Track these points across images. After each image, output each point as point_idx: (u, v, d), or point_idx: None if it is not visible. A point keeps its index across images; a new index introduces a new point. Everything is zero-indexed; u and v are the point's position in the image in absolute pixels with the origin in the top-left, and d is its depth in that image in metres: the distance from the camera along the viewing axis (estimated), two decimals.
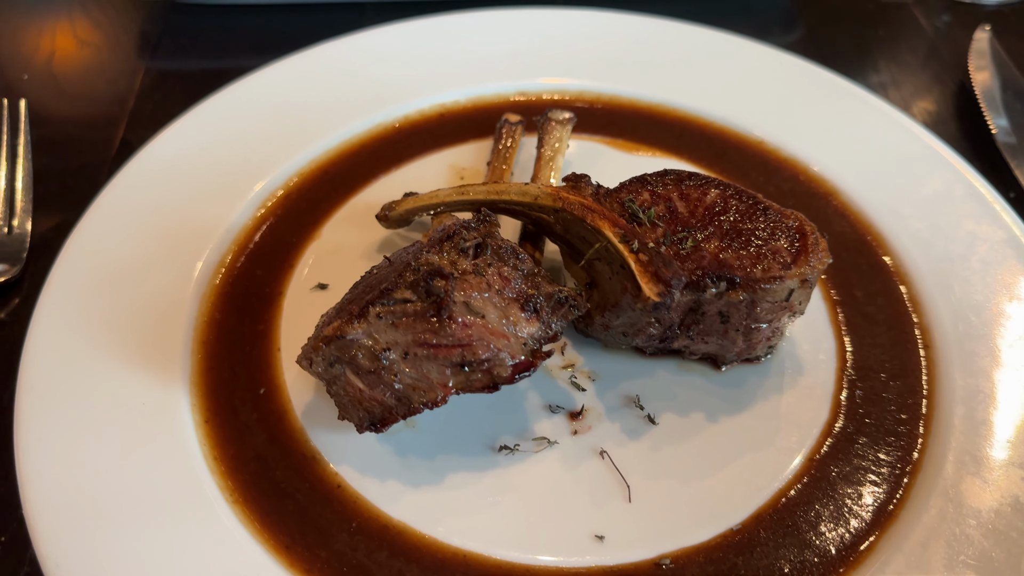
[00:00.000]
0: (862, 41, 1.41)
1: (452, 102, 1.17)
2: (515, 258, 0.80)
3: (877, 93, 1.29)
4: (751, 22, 1.42)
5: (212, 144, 1.06)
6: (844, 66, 1.35)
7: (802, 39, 1.41)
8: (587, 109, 1.17)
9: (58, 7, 1.43)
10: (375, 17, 1.40)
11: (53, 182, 1.15)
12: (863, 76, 1.34)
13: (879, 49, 1.40)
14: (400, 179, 1.08)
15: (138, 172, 1.02)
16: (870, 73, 1.35)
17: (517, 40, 1.22)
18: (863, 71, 1.36)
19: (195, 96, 1.26)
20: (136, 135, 1.21)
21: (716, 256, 0.81)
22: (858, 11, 1.47)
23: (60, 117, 1.24)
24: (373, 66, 1.18)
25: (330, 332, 0.75)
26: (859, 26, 1.44)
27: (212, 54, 1.36)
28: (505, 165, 1.05)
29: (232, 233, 1.00)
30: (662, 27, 1.23)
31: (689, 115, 1.15)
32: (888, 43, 1.41)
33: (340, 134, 1.11)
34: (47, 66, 1.32)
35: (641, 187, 0.87)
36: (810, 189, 1.07)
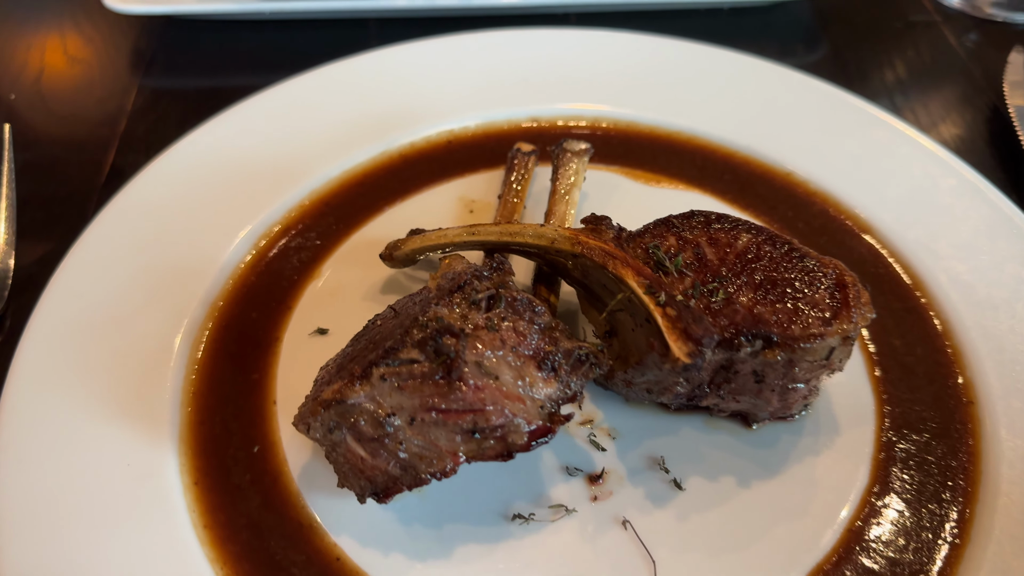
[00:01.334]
0: (889, 61, 1.35)
1: (461, 128, 1.11)
2: (531, 311, 0.73)
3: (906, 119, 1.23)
4: (773, 40, 1.36)
5: (205, 175, 1.00)
6: (870, 87, 1.29)
7: (826, 58, 1.34)
8: (603, 137, 1.10)
9: (49, 21, 1.37)
10: (379, 33, 1.34)
11: (39, 211, 1.08)
12: (890, 98, 1.28)
13: (907, 70, 1.33)
14: (406, 212, 1.02)
15: (126, 206, 0.96)
16: (897, 95, 1.29)
17: (529, 62, 1.16)
18: (889, 92, 1.29)
19: (189, 118, 1.20)
20: (127, 160, 1.15)
21: (750, 310, 0.74)
22: (884, 29, 1.41)
23: (48, 139, 1.18)
24: (377, 90, 1.12)
25: (330, 395, 0.68)
26: (885, 45, 1.37)
27: (208, 72, 1.30)
28: (517, 199, 0.99)
29: (226, 272, 0.93)
30: (682, 49, 1.17)
31: (712, 144, 1.09)
32: (916, 63, 1.35)
33: (342, 163, 1.05)
34: (35, 84, 1.26)
35: (666, 231, 0.81)
36: (842, 225, 1.01)
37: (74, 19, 1.37)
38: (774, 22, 1.39)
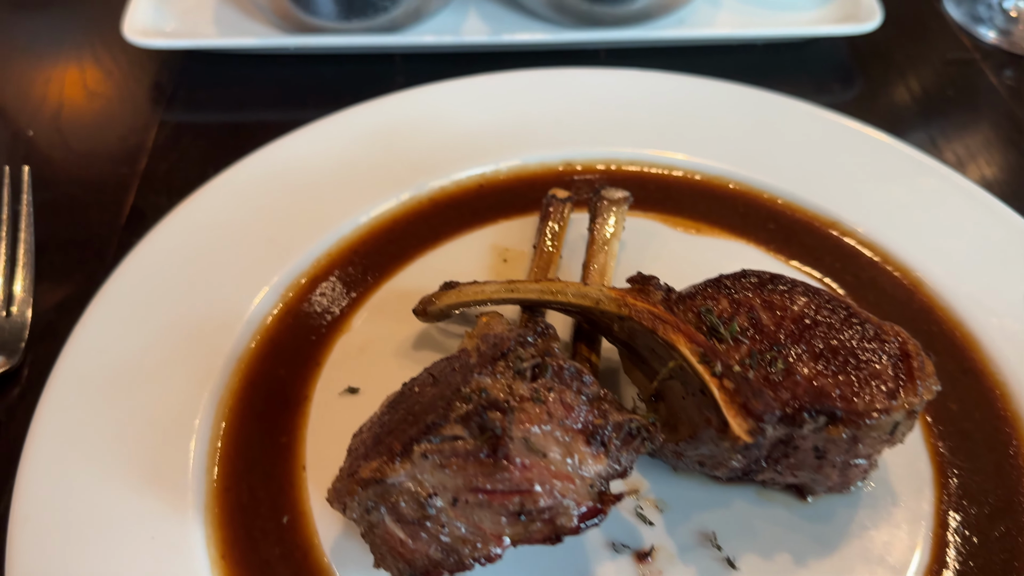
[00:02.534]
0: (927, 100, 1.31)
1: (492, 172, 1.07)
2: (579, 381, 0.69)
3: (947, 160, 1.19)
4: (808, 77, 1.33)
5: (229, 222, 0.96)
6: (908, 126, 1.26)
7: (862, 96, 1.31)
8: (640, 181, 1.07)
9: (68, 54, 1.34)
10: (405, 68, 1.31)
11: (57, 254, 1.05)
12: (929, 137, 1.24)
13: (946, 108, 1.30)
14: (437, 261, 0.98)
15: (147, 256, 0.92)
16: (936, 134, 1.25)
17: (562, 103, 1.13)
18: (929, 132, 1.26)
19: (211, 155, 1.17)
20: (147, 201, 1.12)
21: (811, 383, 0.70)
22: (920, 66, 1.37)
23: (66, 178, 1.15)
24: (405, 132, 1.08)
25: (368, 474, 0.64)
26: (923, 83, 1.33)
27: (231, 106, 1.27)
28: (554, 248, 0.95)
29: (252, 326, 0.90)
30: (720, 90, 1.13)
31: (753, 190, 1.05)
32: (955, 102, 1.31)
33: (371, 209, 1.01)
34: (54, 120, 1.23)
35: (718, 293, 0.77)
36: (891, 279, 0.96)
37: (94, 52, 1.34)
38: (809, 58, 1.36)
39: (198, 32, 1.28)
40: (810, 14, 1.36)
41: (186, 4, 1.33)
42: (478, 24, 1.32)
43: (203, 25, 1.30)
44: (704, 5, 1.37)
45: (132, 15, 1.25)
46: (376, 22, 1.24)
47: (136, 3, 1.27)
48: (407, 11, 1.25)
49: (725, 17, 1.36)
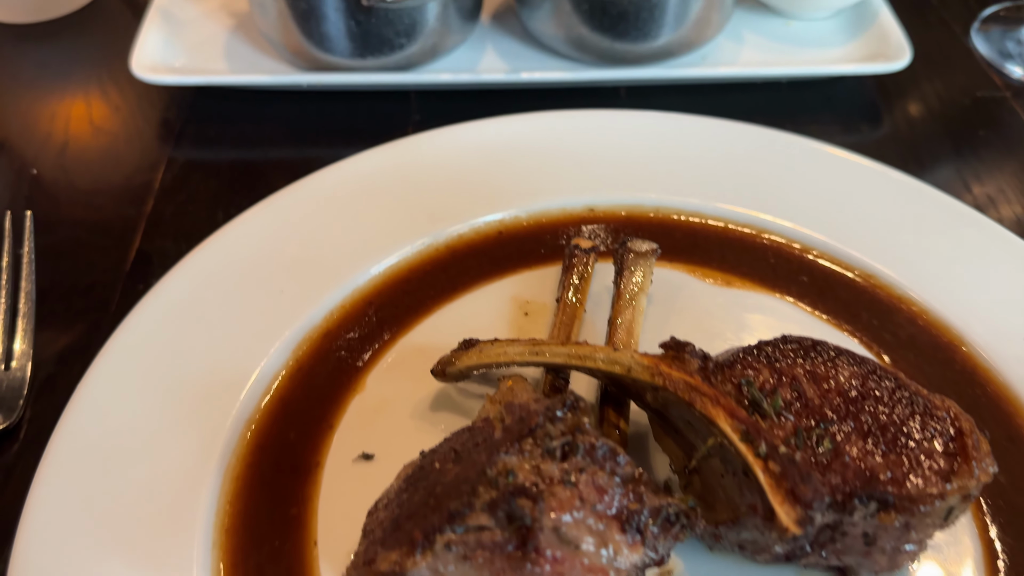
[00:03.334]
0: (958, 139, 1.27)
1: (512, 218, 1.03)
2: (612, 460, 0.65)
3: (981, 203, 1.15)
4: (834, 116, 1.28)
5: (239, 273, 0.92)
6: (940, 167, 1.22)
7: (891, 136, 1.27)
8: (665, 228, 1.03)
9: (74, 89, 1.31)
10: (421, 106, 1.27)
11: (58, 302, 1.01)
12: (962, 180, 1.20)
13: (978, 149, 1.25)
14: (456, 313, 0.94)
15: (153, 309, 0.88)
16: (969, 176, 1.21)
17: (583, 146, 1.09)
18: (960, 172, 1.21)
19: (220, 197, 1.13)
20: (154, 245, 1.08)
21: (861, 464, 0.66)
22: (951, 105, 1.33)
23: (70, 220, 1.11)
24: (422, 176, 1.04)
25: (387, 567, 0.60)
26: (953, 122, 1.29)
27: (241, 144, 1.23)
28: (578, 302, 0.91)
29: (262, 384, 0.85)
30: (749, 134, 1.09)
31: (784, 240, 1.01)
32: (987, 142, 1.27)
33: (386, 258, 0.97)
34: (59, 158, 1.19)
35: (758, 361, 0.73)
36: (932, 338, 0.92)
37: (101, 86, 1.31)
38: (835, 96, 1.32)
39: (208, 68, 1.25)
40: (836, 51, 1.32)
41: (196, 38, 1.30)
42: (496, 61, 1.29)
43: (213, 60, 1.27)
44: (727, 41, 1.33)
45: (140, 50, 1.22)
46: (392, 59, 1.20)
47: (144, 38, 1.24)
48: (423, 49, 1.21)
49: (748, 54, 1.32)
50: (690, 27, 1.23)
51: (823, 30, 1.36)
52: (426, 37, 1.20)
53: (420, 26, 1.18)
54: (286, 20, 1.17)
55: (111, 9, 1.48)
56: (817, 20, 1.37)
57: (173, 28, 1.29)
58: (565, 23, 1.22)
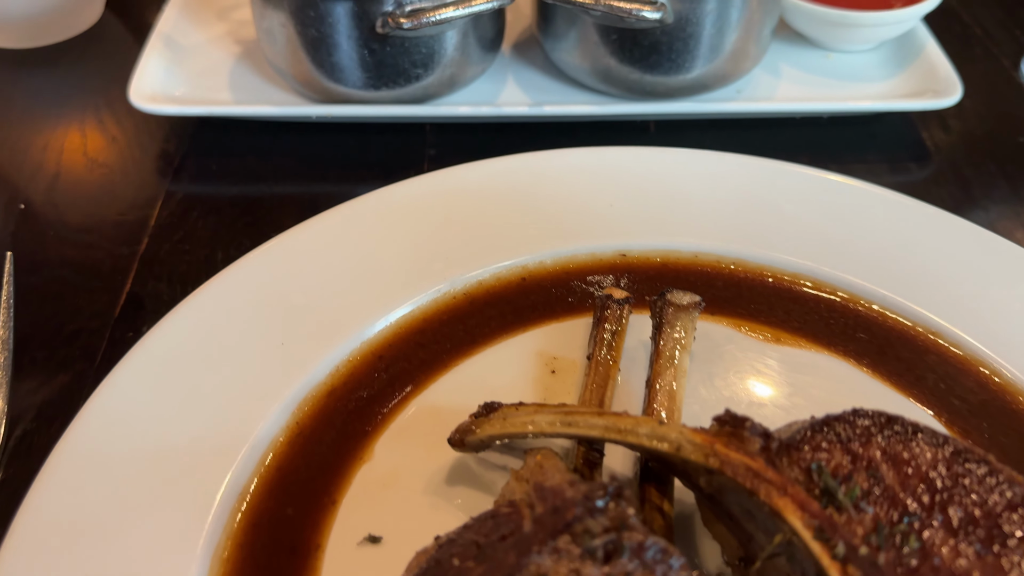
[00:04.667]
0: (1015, 180, 1.18)
1: (536, 264, 0.94)
2: (664, 564, 0.55)
3: None
4: (880, 155, 1.20)
5: (237, 324, 0.83)
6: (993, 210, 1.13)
7: (940, 175, 1.18)
8: (705, 277, 0.94)
9: (70, 116, 1.23)
10: (437, 139, 1.19)
11: (41, 349, 0.92)
12: (1018, 219, 1.11)
13: None
14: (475, 370, 0.85)
15: (139, 365, 0.79)
16: None
17: (613, 186, 1.00)
18: (1018, 213, 1.12)
19: (220, 235, 1.05)
20: (146, 288, 0.99)
21: (952, 568, 0.56)
22: (1002, 141, 1.24)
23: (57, 259, 1.03)
24: (437, 218, 0.96)
25: None
26: (1004, 160, 1.20)
27: (244, 178, 1.15)
28: (612, 360, 0.82)
29: (259, 450, 0.76)
30: (793, 175, 1.00)
31: (838, 292, 0.92)
32: None
33: (398, 309, 0.88)
34: (49, 191, 1.11)
35: (829, 441, 0.63)
36: (1006, 405, 0.82)
37: (98, 115, 1.23)
38: (879, 133, 1.23)
39: (211, 98, 1.17)
40: (880, 86, 1.24)
41: (199, 66, 1.22)
42: (517, 92, 1.21)
43: (217, 90, 1.19)
44: (763, 74, 1.25)
45: (139, 78, 1.14)
46: (407, 91, 1.12)
47: (144, 65, 1.16)
48: (441, 80, 1.13)
49: (786, 88, 1.24)
50: (726, 59, 1.15)
51: (865, 63, 1.28)
52: (444, 68, 1.12)
53: (438, 56, 1.10)
54: (295, 48, 1.09)
55: (112, 34, 1.41)
56: (858, 52, 1.29)
57: (175, 55, 1.22)
58: (591, 54, 1.15)
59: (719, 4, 1.08)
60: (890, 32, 1.25)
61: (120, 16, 1.44)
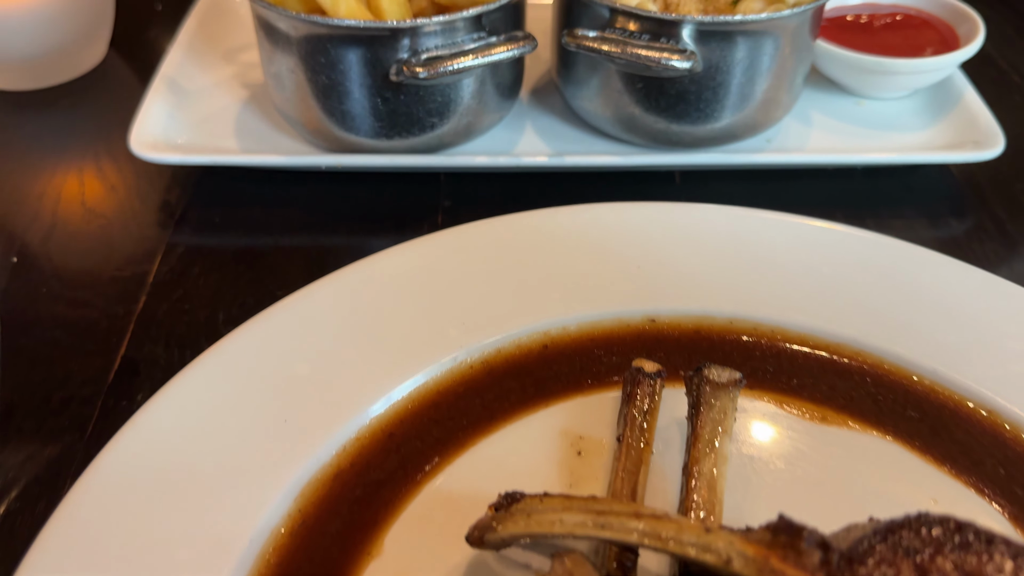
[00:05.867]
0: None
1: (559, 330, 0.88)
2: None
3: None
4: (917, 208, 1.14)
5: (239, 398, 0.77)
6: None
7: (981, 231, 1.11)
8: (743, 348, 0.87)
9: (68, 163, 1.18)
10: (451, 190, 1.13)
11: (27, 419, 0.86)
12: None
13: None
14: (494, 451, 0.78)
15: (130, 446, 0.72)
16: None
17: (641, 245, 0.94)
18: None
19: (222, 293, 0.99)
20: (142, 351, 0.93)
21: None
22: None
23: (49, 318, 0.97)
24: (452, 279, 0.89)
25: None
26: None
27: (249, 230, 1.09)
28: (644, 442, 0.75)
29: (256, 545, 0.69)
30: (835, 235, 0.94)
31: (885, 364, 0.85)
32: None
33: (411, 380, 0.82)
34: (44, 244, 1.06)
35: (895, 554, 0.56)
36: None
37: (97, 162, 1.18)
38: (916, 185, 1.17)
39: (216, 146, 1.12)
40: (916, 135, 1.18)
41: (203, 111, 1.17)
42: (535, 141, 1.16)
43: (222, 137, 1.14)
44: (793, 123, 1.20)
45: (140, 125, 1.09)
46: (421, 140, 1.07)
47: (146, 111, 1.11)
48: (456, 129, 1.08)
49: (817, 137, 1.19)
50: (756, 109, 1.09)
51: (899, 111, 1.23)
52: (460, 116, 1.07)
53: (454, 104, 1.05)
54: (304, 96, 1.04)
55: (116, 74, 1.37)
56: (891, 100, 1.24)
57: (179, 100, 1.17)
58: (614, 102, 1.09)
59: (750, 52, 1.03)
60: (926, 80, 1.20)
61: (125, 55, 1.40)
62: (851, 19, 1.27)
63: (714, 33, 1.00)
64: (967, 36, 1.22)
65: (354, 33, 0.97)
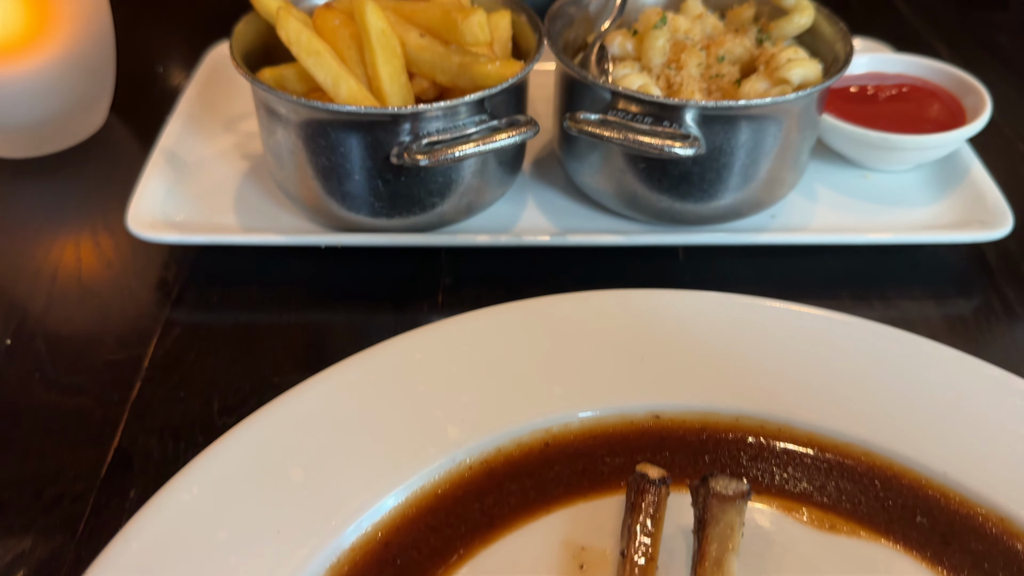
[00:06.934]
0: None
1: (561, 427, 0.86)
2: None
3: None
4: (925, 288, 1.12)
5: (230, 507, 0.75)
6: None
7: (991, 313, 1.10)
8: (751, 448, 0.85)
9: (65, 236, 1.17)
10: (452, 268, 1.12)
11: (17, 518, 0.84)
12: None
13: None
14: (493, 562, 0.76)
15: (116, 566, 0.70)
16: None
17: (644, 335, 0.92)
18: None
19: (218, 380, 0.98)
20: (136, 443, 0.91)
21: None
22: None
23: (41, 407, 0.95)
24: (449, 373, 0.88)
25: None
26: None
27: (247, 307, 1.08)
28: (648, 557, 0.73)
29: None
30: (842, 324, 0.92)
31: (895, 466, 0.83)
32: None
33: (408, 482, 0.80)
34: (39, 324, 1.04)
35: None
36: None
37: (94, 236, 1.17)
38: (923, 262, 1.15)
39: (215, 222, 1.11)
40: (922, 211, 1.17)
41: (202, 185, 1.16)
42: (537, 215, 1.15)
43: (221, 212, 1.13)
44: (798, 197, 1.19)
45: (138, 202, 1.09)
46: (422, 219, 1.06)
47: (143, 188, 1.11)
48: (458, 207, 1.07)
49: (823, 212, 1.17)
50: (760, 188, 1.08)
51: (906, 184, 1.21)
52: (461, 195, 1.06)
53: (456, 185, 1.04)
54: (305, 176, 1.03)
55: (116, 140, 1.36)
56: (897, 173, 1.23)
57: (178, 174, 1.16)
58: (616, 180, 1.08)
59: (755, 134, 1.02)
60: (933, 155, 1.19)
61: (125, 120, 1.39)
62: (855, 91, 1.26)
63: (718, 117, 0.99)
64: (973, 108, 1.21)
65: (355, 119, 0.96)
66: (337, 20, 1.02)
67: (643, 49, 1.10)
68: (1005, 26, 1.76)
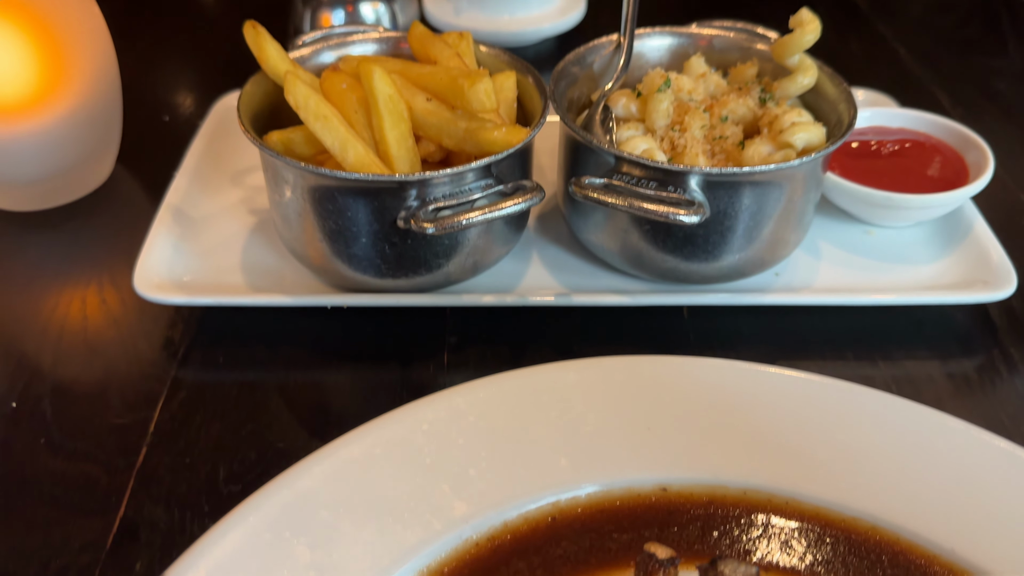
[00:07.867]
0: None
1: (568, 500, 0.86)
2: None
3: None
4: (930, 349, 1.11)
5: None
6: None
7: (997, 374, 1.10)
8: (759, 525, 0.85)
9: (70, 293, 1.17)
10: (457, 327, 1.12)
11: None
12: None
13: None
14: None
15: None
16: None
17: (653, 403, 0.92)
18: None
19: (224, 446, 0.98)
20: (141, 513, 0.91)
21: None
22: None
23: (47, 474, 0.95)
24: (455, 446, 0.87)
25: None
26: None
27: (254, 366, 1.08)
28: None
29: None
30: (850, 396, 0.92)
31: (903, 541, 0.83)
32: None
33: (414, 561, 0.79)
34: (45, 386, 1.04)
35: None
36: None
37: (100, 292, 1.17)
38: (926, 320, 1.16)
39: (221, 282, 1.11)
40: (926, 269, 1.17)
41: (208, 243, 1.17)
42: (542, 273, 1.15)
43: (228, 271, 1.13)
44: (802, 255, 1.19)
45: (144, 262, 1.09)
46: (427, 279, 1.06)
47: (149, 247, 1.11)
48: (463, 267, 1.07)
49: (826, 269, 1.18)
50: (764, 249, 1.08)
51: (909, 240, 1.22)
52: (467, 256, 1.06)
53: (461, 246, 1.04)
54: (312, 237, 1.04)
55: (123, 191, 1.37)
56: (900, 228, 1.23)
57: (184, 230, 1.17)
58: (621, 239, 1.09)
59: (759, 198, 1.03)
60: (936, 213, 1.19)
61: (132, 170, 1.40)
62: (857, 146, 1.27)
63: (722, 183, 1.00)
64: (976, 164, 1.22)
65: (362, 185, 0.96)
66: (344, 84, 1.03)
67: (647, 111, 1.11)
68: (1005, 71, 1.77)
